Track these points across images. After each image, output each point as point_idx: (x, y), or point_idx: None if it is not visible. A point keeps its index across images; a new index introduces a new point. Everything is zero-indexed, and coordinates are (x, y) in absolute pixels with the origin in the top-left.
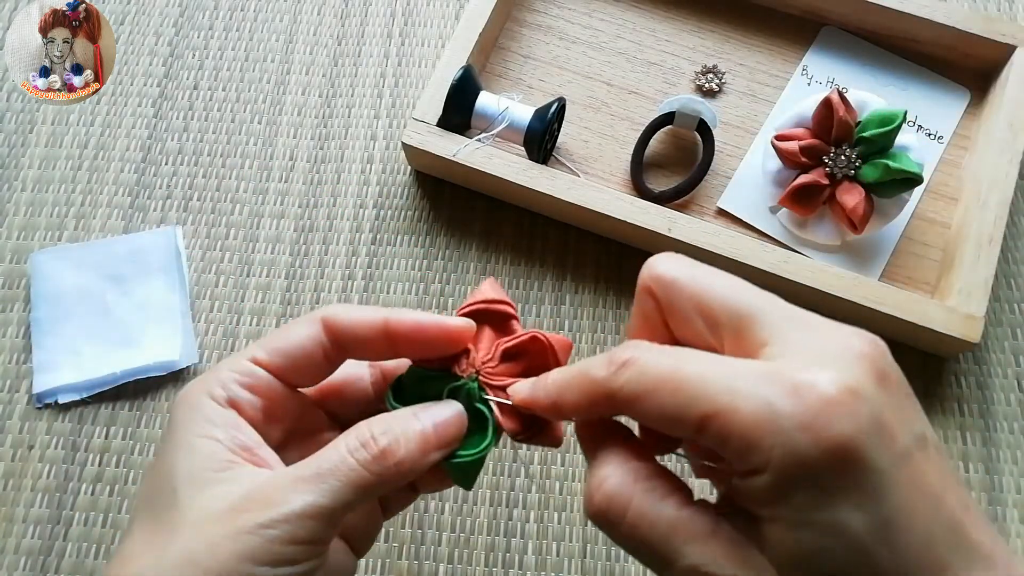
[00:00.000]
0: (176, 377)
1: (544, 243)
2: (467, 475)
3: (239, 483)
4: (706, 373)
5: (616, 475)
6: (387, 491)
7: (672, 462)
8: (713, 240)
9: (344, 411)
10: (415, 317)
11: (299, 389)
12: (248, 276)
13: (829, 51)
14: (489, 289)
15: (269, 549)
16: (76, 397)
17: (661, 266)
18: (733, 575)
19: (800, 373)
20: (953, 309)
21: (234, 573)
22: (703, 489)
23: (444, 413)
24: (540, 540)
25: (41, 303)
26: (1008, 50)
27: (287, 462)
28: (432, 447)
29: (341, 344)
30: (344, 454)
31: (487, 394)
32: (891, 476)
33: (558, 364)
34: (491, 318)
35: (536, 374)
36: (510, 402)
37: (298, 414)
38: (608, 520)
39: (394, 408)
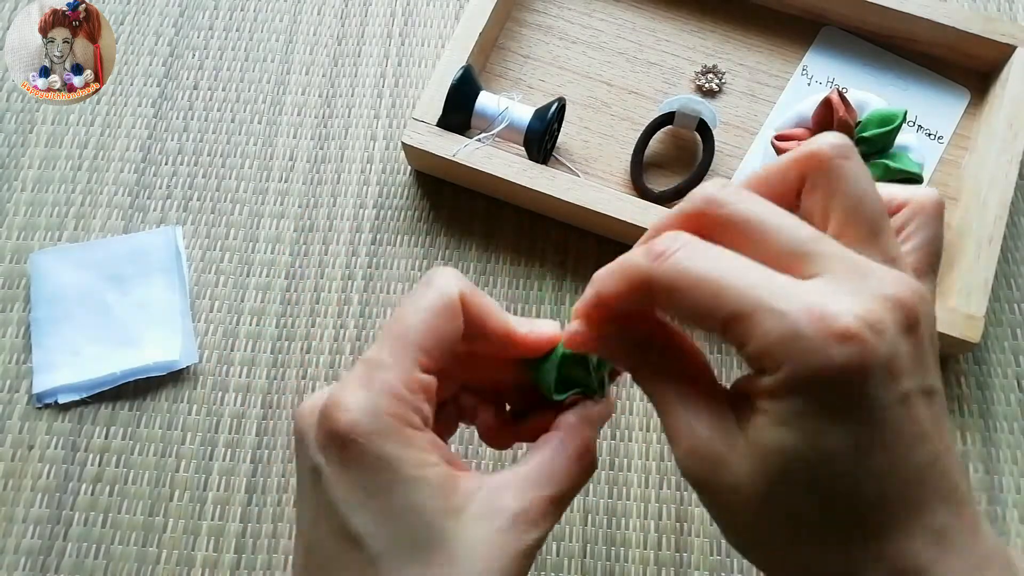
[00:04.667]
0: (176, 377)
1: (544, 243)
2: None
3: (491, 503)
4: (741, 280)
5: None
6: None
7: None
8: None
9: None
10: (531, 326)
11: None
12: (248, 276)
13: (829, 51)
14: None
15: (531, 557)
16: (76, 397)
17: (834, 149)
18: (708, 437)
19: (828, 300)
20: (953, 309)
21: None
22: None
23: (601, 411)
24: None
25: (41, 303)
26: (1008, 50)
27: None
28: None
29: (468, 331)
30: (572, 468)
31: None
32: (885, 412)
33: None
34: None
35: None
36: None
37: None
38: (643, 369)
39: (560, 396)
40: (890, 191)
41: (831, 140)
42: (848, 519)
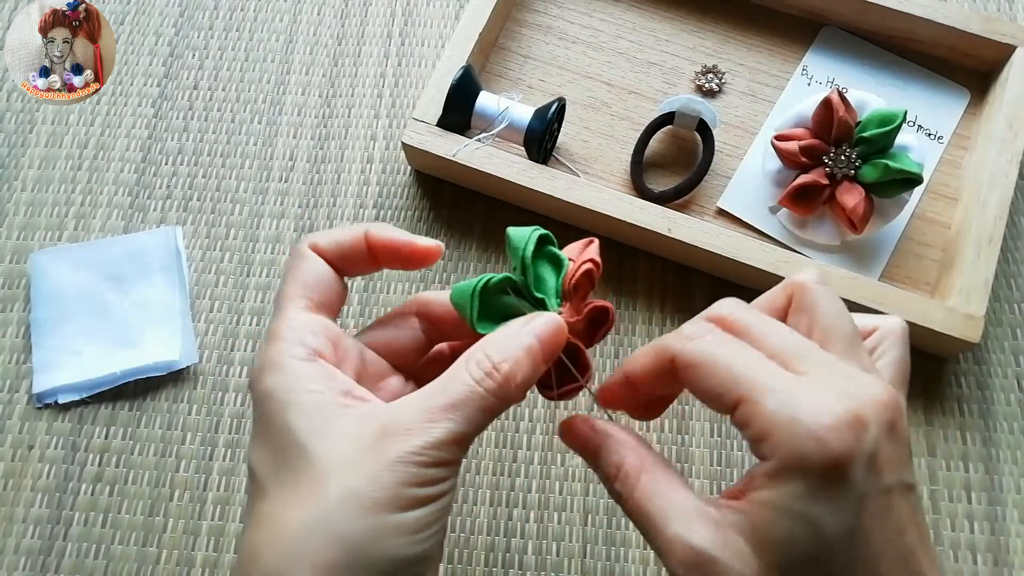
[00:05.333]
0: (176, 377)
1: None
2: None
3: (368, 421)
4: (754, 368)
5: (631, 457)
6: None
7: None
8: (713, 240)
9: (395, 355)
10: (391, 233)
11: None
12: (248, 276)
13: (829, 51)
14: (594, 250)
15: (422, 473)
16: (76, 397)
17: (812, 279)
18: (709, 547)
19: (827, 396)
20: (953, 309)
21: (398, 498)
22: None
23: (548, 328)
24: (540, 540)
25: (41, 303)
26: (1008, 50)
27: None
28: (541, 361)
29: (336, 267)
30: (471, 383)
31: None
32: (868, 500)
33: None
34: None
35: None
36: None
37: (360, 356)
38: (621, 495)
39: (484, 328)
40: (862, 320)
41: (811, 271)
42: None
